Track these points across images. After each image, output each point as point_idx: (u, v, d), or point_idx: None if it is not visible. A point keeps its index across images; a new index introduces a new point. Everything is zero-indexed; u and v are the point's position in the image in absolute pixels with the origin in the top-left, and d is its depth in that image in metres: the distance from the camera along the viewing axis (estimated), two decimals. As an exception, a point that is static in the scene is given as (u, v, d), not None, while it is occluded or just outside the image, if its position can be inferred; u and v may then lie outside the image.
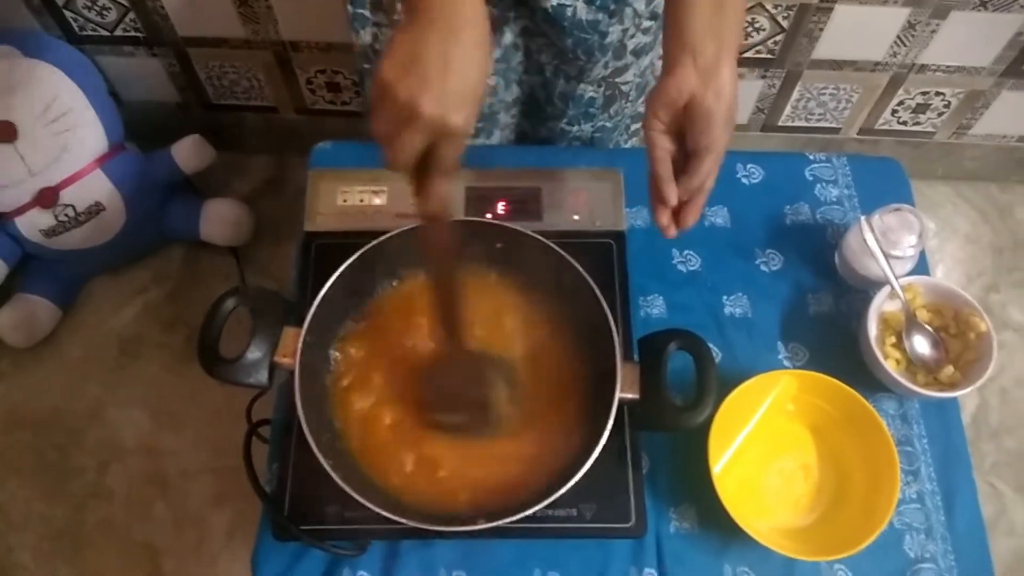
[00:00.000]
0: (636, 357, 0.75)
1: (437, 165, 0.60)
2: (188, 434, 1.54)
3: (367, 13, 0.89)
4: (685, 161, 0.71)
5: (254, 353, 0.72)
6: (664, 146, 0.71)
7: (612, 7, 0.88)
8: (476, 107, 0.59)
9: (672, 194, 0.71)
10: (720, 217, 0.93)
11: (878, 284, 0.84)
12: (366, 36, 0.92)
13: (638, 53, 0.97)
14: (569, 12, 0.88)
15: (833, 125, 1.70)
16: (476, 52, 0.59)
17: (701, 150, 0.69)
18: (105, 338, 1.62)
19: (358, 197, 0.89)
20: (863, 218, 0.83)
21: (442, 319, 0.72)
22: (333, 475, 0.66)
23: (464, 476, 0.74)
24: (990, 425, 1.59)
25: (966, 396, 0.83)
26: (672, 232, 0.74)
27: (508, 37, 0.94)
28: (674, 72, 0.68)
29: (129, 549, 1.45)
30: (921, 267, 0.89)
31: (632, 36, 0.93)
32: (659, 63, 1.03)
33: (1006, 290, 1.74)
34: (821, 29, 1.43)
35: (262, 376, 0.73)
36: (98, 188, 1.47)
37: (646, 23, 0.92)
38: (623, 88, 1.01)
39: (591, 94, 1.01)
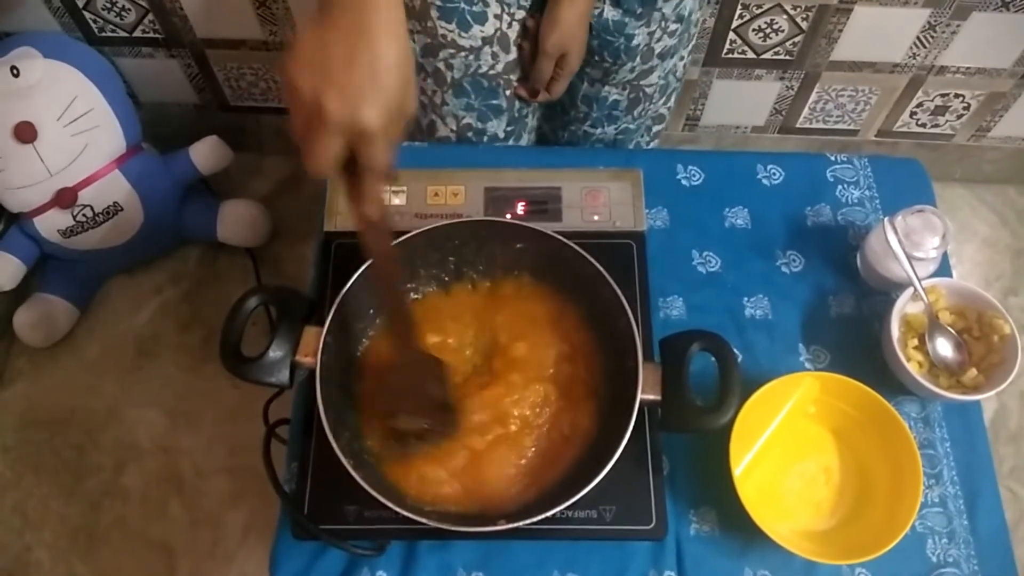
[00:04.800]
0: (657, 358, 0.74)
1: (364, 167, 0.58)
2: (204, 433, 1.54)
3: None
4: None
5: (275, 352, 0.73)
6: None
7: (639, 10, 0.88)
8: (392, 103, 0.56)
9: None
10: (740, 218, 0.93)
11: (900, 286, 0.84)
12: None
13: (664, 56, 0.97)
14: (596, 12, 0.88)
15: (851, 127, 1.69)
16: (387, 44, 0.56)
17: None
18: (122, 338, 1.63)
19: (377, 197, 0.89)
20: (886, 219, 0.82)
21: (392, 325, 0.71)
22: (354, 474, 0.66)
23: (484, 476, 0.74)
24: (1009, 429, 1.58)
25: (985, 400, 0.83)
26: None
27: None
28: None
29: (144, 548, 1.45)
30: (944, 269, 0.88)
31: (659, 39, 0.93)
32: (681, 64, 1.03)
33: (1025, 293, 1.72)
34: (840, 30, 1.42)
35: (283, 375, 0.73)
36: (116, 189, 1.47)
37: (672, 26, 0.92)
38: (647, 90, 1.01)
39: (615, 96, 1.01)
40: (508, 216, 0.88)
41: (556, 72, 0.95)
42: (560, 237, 0.78)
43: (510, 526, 0.66)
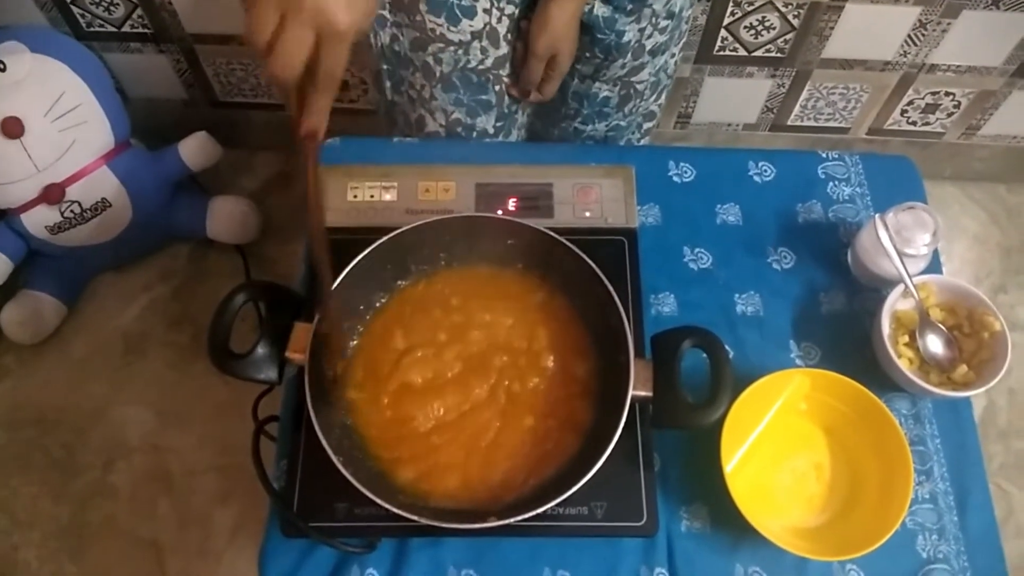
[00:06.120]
0: (649, 355, 0.74)
1: (320, 73, 0.56)
2: (193, 432, 1.53)
3: (387, 14, 0.88)
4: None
5: (264, 348, 0.72)
6: None
7: (629, 7, 0.88)
8: (366, 8, 0.55)
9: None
10: (732, 215, 0.93)
11: (891, 283, 0.84)
12: (384, 37, 0.91)
13: (655, 52, 0.96)
14: (586, 9, 0.88)
15: (842, 125, 1.70)
16: None
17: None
18: (110, 335, 1.62)
19: (368, 193, 0.89)
20: (877, 216, 0.82)
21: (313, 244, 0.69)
22: (344, 472, 0.66)
23: (475, 473, 0.73)
24: (998, 426, 1.59)
25: (974, 397, 0.83)
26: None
27: None
28: None
29: (134, 547, 1.45)
30: (934, 266, 0.88)
31: (650, 36, 0.93)
32: (672, 62, 1.03)
33: (1014, 291, 1.73)
34: (831, 28, 1.42)
35: (272, 372, 0.72)
36: (104, 185, 1.46)
37: (663, 22, 0.92)
38: (638, 87, 1.01)
39: (606, 93, 1.01)
40: (499, 212, 0.87)
41: (547, 73, 0.94)
42: (552, 233, 0.77)
43: (501, 523, 0.66)
